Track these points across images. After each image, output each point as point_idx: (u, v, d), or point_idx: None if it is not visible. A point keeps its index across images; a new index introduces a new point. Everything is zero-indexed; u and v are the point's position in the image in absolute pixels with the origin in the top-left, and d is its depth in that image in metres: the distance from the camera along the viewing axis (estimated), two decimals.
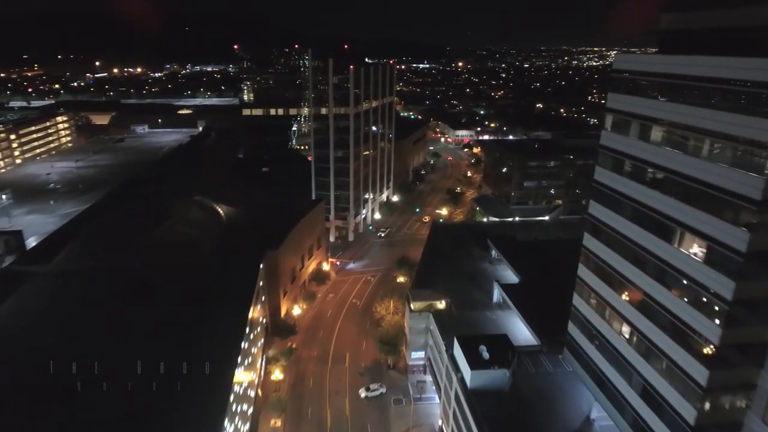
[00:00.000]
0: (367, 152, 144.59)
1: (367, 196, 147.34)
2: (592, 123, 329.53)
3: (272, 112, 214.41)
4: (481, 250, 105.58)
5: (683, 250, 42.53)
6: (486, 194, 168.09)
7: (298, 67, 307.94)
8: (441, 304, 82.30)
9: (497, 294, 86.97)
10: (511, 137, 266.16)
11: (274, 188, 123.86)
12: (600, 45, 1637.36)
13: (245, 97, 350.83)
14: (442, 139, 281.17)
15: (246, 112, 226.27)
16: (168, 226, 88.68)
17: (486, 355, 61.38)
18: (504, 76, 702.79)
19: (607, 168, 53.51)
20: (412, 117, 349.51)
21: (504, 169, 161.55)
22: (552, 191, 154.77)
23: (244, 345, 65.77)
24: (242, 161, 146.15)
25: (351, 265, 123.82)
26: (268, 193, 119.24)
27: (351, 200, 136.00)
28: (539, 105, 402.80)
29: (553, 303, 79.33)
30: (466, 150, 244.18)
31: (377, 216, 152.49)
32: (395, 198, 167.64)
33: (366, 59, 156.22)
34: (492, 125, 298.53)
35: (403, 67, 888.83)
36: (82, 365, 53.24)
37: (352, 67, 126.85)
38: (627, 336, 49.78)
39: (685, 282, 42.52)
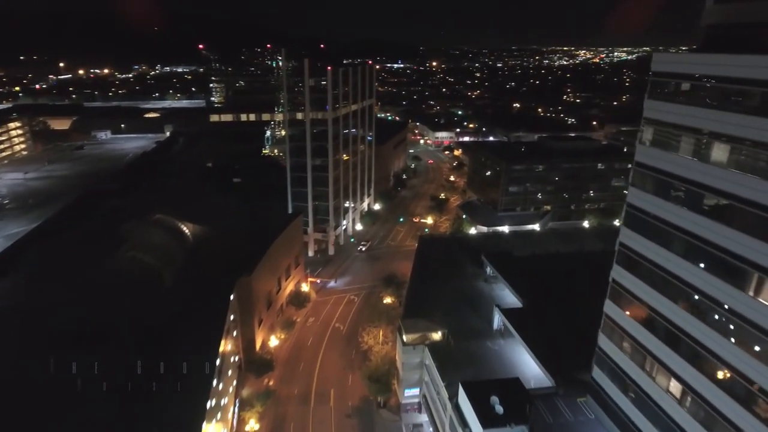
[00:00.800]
0: (347, 158, 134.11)
1: (347, 206, 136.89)
2: (570, 123, 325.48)
3: (243, 117, 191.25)
4: (475, 266, 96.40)
5: (763, 301, 33.57)
6: (471, 200, 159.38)
7: (271, 69, 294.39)
8: (437, 335, 72.61)
9: (498, 320, 77.69)
10: (491, 138, 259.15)
11: (247, 201, 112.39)
12: (569, 44, 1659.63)
13: (214, 101, 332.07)
14: (422, 141, 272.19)
15: (214, 118, 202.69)
16: (124, 253, 76.69)
17: (499, 408, 51.83)
18: (479, 75, 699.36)
19: (646, 190, 44.44)
20: (390, 118, 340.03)
21: (489, 174, 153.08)
22: (539, 196, 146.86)
23: (211, 402, 54.81)
24: (212, 171, 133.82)
25: (332, 284, 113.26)
26: (240, 207, 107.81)
27: (331, 211, 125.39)
28: (516, 105, 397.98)
29: (561, 330, 70.57)
30: (447, 153, 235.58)
31: (359, 227, 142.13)
32: (377, 206, 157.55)
33: (344, 60, 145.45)
34: (471, 126, 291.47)
35: (377, 66, 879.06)
36: None
37: (329, 68, 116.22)
38: (677, 395, 40.76)
39: (763, 338, 33.59)
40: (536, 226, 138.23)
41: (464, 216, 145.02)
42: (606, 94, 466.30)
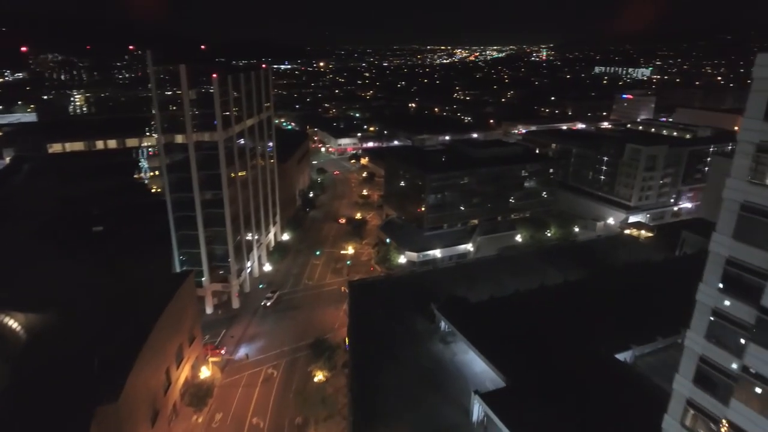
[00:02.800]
0: (246, 185, 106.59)
1: (250, 239, 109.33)
2: (467, 121, 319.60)
3: (100, 144, 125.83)
4: (425, 319, 75.59)
5: None
6: (392, 219, 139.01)
7: (137, 78, 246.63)
8: None
9: (478, 409, 57.40)
10: (396, 143, 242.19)
11: (113, 260, 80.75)
12: (446, 44, 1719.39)
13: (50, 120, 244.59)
14: (323, 149, 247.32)
15: (55, 148, 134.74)
16: None
17: None
18: (368, 75, 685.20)
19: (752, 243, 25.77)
20: (286, 125, 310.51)
21: (407, 187, 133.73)
22: (465, 210, 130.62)
23: None
24: (62, 215, 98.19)
25: (241, 352, 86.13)
26: (103, 272, 76.43)
27: (231, 255, 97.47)
28: (412, 105, 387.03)
29: (566, 415, 52.27)
30: (353, 161, 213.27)
31: (266, 267, 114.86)
32: (285, 236, 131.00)
33: (233, 63, 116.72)
34: (372, 129, 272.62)
35: (263, 66, 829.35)
36: None
37: (215, 75, 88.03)
38: None
39: None
40: (469, 246, 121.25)
41: (388, 240, 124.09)
42: (491, 91, 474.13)
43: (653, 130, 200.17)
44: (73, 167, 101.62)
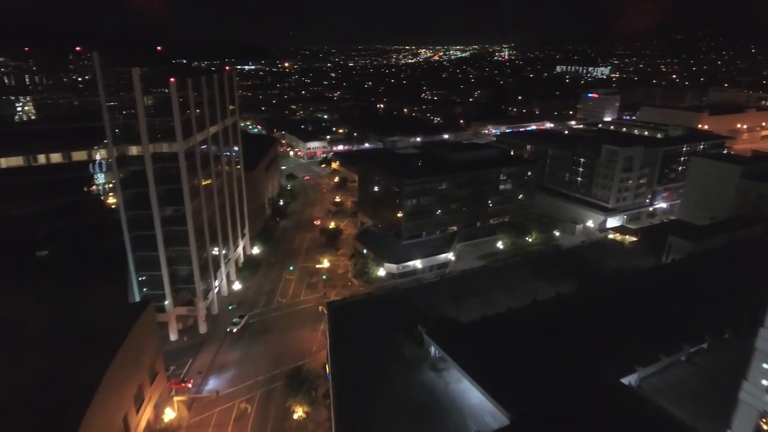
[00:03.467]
0: (211, 197, 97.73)
1: (217, 254, 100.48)
2: (437, 122, 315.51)
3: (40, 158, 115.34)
4: (412, 344, 69.37)
5: None
6: (368, 227, 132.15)
7: (78, 83, 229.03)
8: None
9: None
10: (367, 145, 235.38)
11: (59, 288, 70.98)
12: (410, 44, 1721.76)
13: None
14: (292, 153, 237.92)
15: None
16: None
17: None
18: (334, 75, 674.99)
19: None
20: (252, 128, 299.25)
21: (383, 193, 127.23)
22: (443, 216, 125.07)
23: None
24: (2, 238, 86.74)
25: (210, 385, 77.66)
26: (47, 303, 66.66)
27: (196, 276, 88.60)
28: (380, 105, 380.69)
29: None
30: (323, 166, 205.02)
31: (236, 285, 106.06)
32: (255, 250, 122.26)
33: (193, 65, 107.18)
34: (341, 132, 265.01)
35: (227, 69, 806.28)
36: None
37: (173, 79, 79.03)
38: None
39: None
40: (450, 255, 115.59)
41: (365, 251, 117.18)
42: (458, 90, 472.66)
43: (624, 129, 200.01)
44: (11, 184, 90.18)
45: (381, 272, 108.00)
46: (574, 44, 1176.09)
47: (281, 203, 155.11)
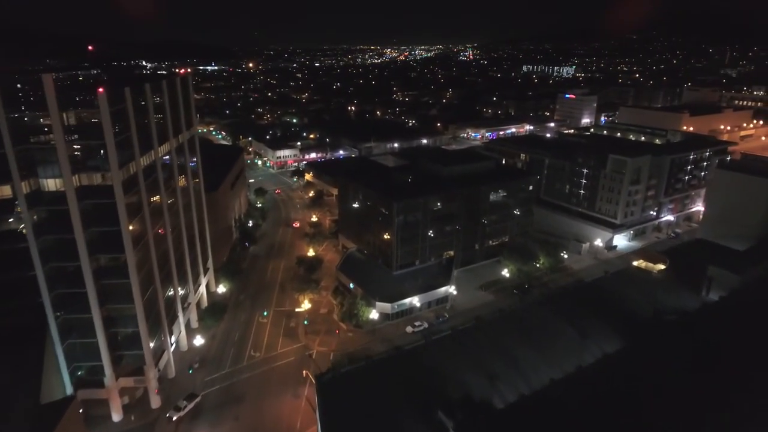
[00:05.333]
0: (164, 235, 77.46)
1: (173, 298, 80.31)
2: (412, 124, 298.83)
3: None
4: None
5: None
6: (351, 253, 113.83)
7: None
8: None
9: None
10: (341, 153, 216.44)
11: None
12: (375, 44, 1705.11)
13: None
14: (260, 163, 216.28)
15: None
16: None
17: None
18: (300, 76, 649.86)
19: None
20: (215, 134, 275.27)
21: (368, 215, 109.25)
22: (433, 237, 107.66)
23: None
24: None
25: None
26: None
27: (144, 338, 68.45)
28: (351, 107, 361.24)
29: None
30: (296, 179, 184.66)
31: (197, 339, 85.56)
32: (221, 288, 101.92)
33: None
34: (312, 137, 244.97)
35: (189, 70, 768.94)
36: None
37: (101, 90, 58.65)
38: None
39: None
40: (451, 289, 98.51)
41: (351, 285, 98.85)
42: (429, 91, 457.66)
43: (619, 134, 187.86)
44: None
45: (373, 314, 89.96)
46: (534, 44, 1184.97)
47: (250, 224, 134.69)
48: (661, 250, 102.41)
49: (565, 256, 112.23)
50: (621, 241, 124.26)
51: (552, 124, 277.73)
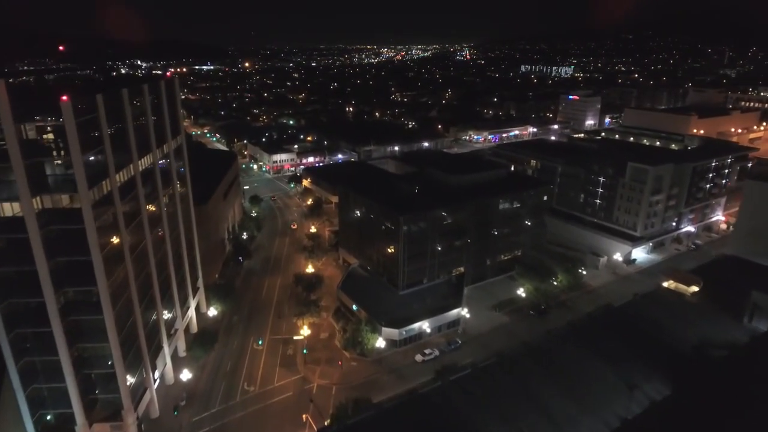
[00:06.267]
0: (144, 257, 68.47)
1: (156, 318, 71.31)
2: (411, 126, 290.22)
3: None
4: None
5: None
6: (353, 269, 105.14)
7: None
8: None
9: None
10: (340, 157, 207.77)
11: None
12: (371, 43, 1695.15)
13: None
14: (255, 167, 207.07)
15: None
16: None
17: None
18: (297, 76, 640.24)
19: None
20: (209, 136, 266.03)
21: (371, 229, 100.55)
22: (442, 252, 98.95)
23: None
24: None
25: None
26: None
27: (121, 379, 59.54)
28: (349, 108, 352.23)
29: None
30: (293, 185, 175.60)
31: (184, 374, 76.42)
32: (211, 311, 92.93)
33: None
34: (309, 139, 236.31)
35: (184, 70, 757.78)
36: None
37: (65, 98, 49.68)
38: None
39: None
40: (464, 312, 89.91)
41: (354, 307, 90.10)
42: (428, 91, 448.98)
43: (632, 138, 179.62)
44: None
45: (380, 342, 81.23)
46: (530, 44, 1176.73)
47: (244, 236, 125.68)
48: (690, 268, 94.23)
49: (584, 273, 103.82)
50: (639, 253, 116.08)
51: (555, 126, 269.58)
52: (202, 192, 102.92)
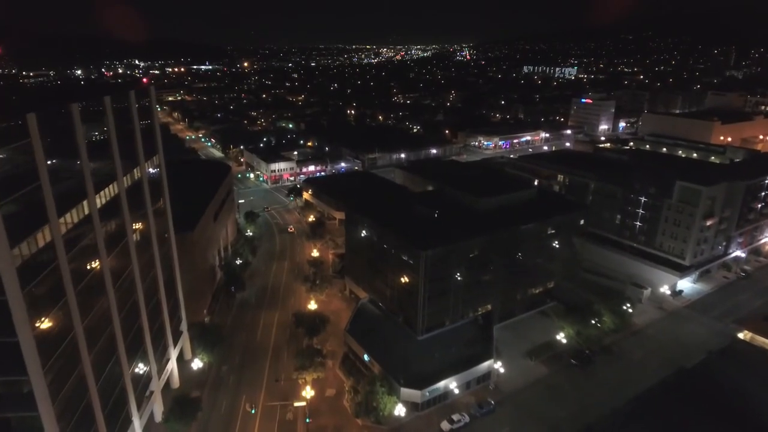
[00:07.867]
0: (107, 318, 53.42)
1: (123, 384, 56.32)
2: (415, 130, 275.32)
3: None
4: None
5: None
6: (363, 305, 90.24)
7: None
8: None
9: None
10: (343, 165, 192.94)
11: None
12: (371, 43, 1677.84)
13: None
14: (251, 176, 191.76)
15: None
16: None
17: None
18: (296, 76, 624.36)
19: None
20: (204, 140, 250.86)
21: (385, 263, 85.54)
22: (467, 289, 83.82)
23: None
24: None
25: None
26: None
27: None
28: (351, 111, 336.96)
29: None
30: (293, 198, 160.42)
31: None
32: (196, 362, 77.68)
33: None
34: (309, 145, 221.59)
35: (182, 69, 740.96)
36: None
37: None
38: None
39: None
40: (497, 365, 75.08)
41: (366, 357, 75.21)
42: (431, 93, 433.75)
43: (665, 149, 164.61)
44: None
45: (399, 409, 66.31)
46: (529, 44, 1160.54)
47: (238, 261, 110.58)
48: (754, 307, 79.63)
49: (630, 311, 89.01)
50: (685, 283, 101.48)
51: (568, 131, 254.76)
52: (189, 215, 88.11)
